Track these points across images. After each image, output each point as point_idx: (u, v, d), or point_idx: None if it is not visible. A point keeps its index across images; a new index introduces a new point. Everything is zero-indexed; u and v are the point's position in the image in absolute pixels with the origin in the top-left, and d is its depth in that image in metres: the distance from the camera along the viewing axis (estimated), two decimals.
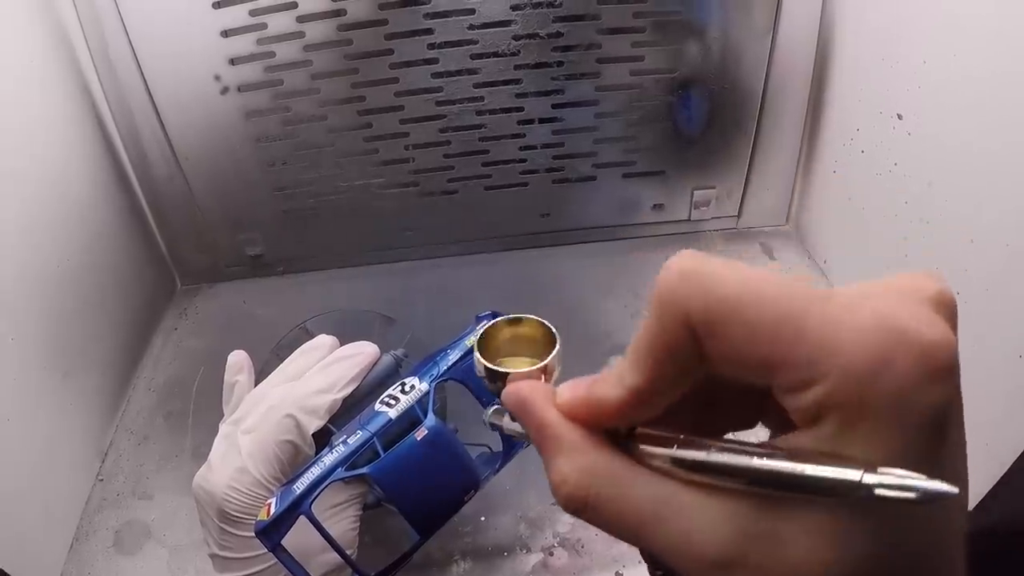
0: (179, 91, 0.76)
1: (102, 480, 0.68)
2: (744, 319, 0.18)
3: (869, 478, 0.16)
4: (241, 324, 0.84)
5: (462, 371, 0.50)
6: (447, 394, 0.58)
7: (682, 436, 0.20)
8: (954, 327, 0.18)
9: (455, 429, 0.53)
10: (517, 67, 0.77)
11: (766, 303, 0.17)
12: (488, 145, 0.82)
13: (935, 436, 0.17)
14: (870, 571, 0.17)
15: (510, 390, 0.24)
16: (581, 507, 0.21)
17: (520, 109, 0.80)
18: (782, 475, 0.17)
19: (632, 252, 0.91)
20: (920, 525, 0.17)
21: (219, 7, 0.71)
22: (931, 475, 0.15)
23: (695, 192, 0.89)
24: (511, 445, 0.51)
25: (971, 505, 0.59)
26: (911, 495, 0.15)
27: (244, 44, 0.73)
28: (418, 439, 0.46)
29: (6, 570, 0.54)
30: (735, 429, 0.24)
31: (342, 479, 0.45)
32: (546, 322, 0.30)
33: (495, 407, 0.30)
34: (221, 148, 0.79)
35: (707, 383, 0.20)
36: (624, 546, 0.58)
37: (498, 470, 0.51)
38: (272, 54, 0.74)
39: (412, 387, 0.49)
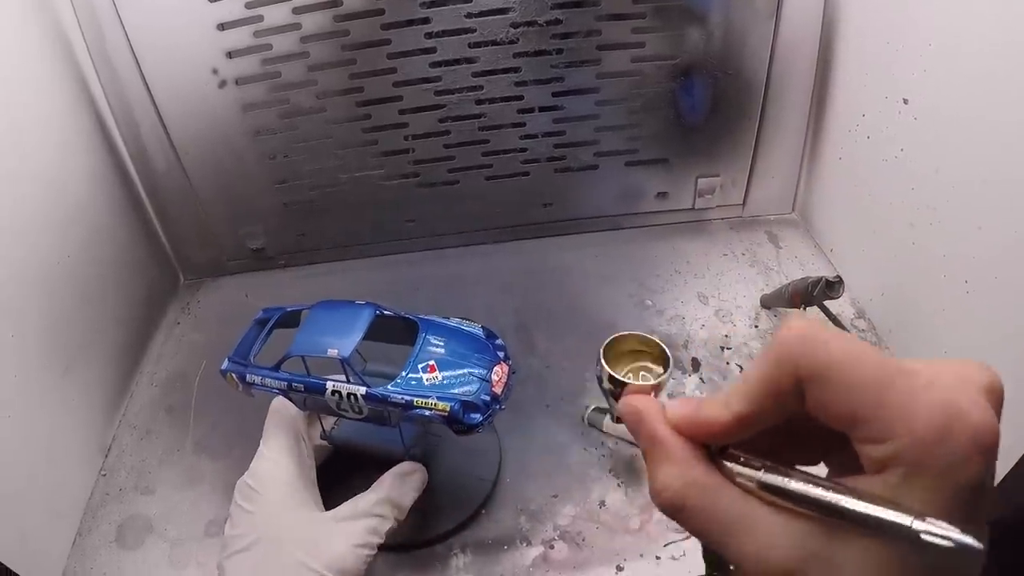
0: (177, 85, 0.76)
1: (105, 475, 0.68)
2: (844, 380, 0.22)
3: (919, 524, 0.19)
4: (243, 318, 0.83)
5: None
6: None
7: (767, 463, 0.24)
8: (999, 411, 0.22)
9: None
10: (516, 55, 0.76)
11: (862, 370, 0.22)
12: (488, 135, 0.81)
13: (973, 497, 0.21)
14: None
15: (628, 402, 0.28)
16: (677, 511, 0.25)
17: (520, 98, 0.79)
18: (849, 510, 0.21)
19: (636, 241, 0.90)
20: (949, 568, 0.21)
21: (215, 0, 0.71)
22: (964, 529, 0.19)
23: (699, 180, 0.87)
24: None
25: None
26: (949, 544, 0.19)
27: (241, 37, 0.73)
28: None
29: (9, 566, 0.54)
30: (802, 464, 0.26)
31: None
32: (664, 345, 0.34)
33: (594, 408, 0.34)
34: (220, 142, 0.79)
35: (790, 422, 0.24)
36: (625, 540, 0.58)
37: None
38: (269, 46, 0.74)
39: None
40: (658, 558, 0.58)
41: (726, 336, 0.76)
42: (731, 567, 0.26)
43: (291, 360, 0.54)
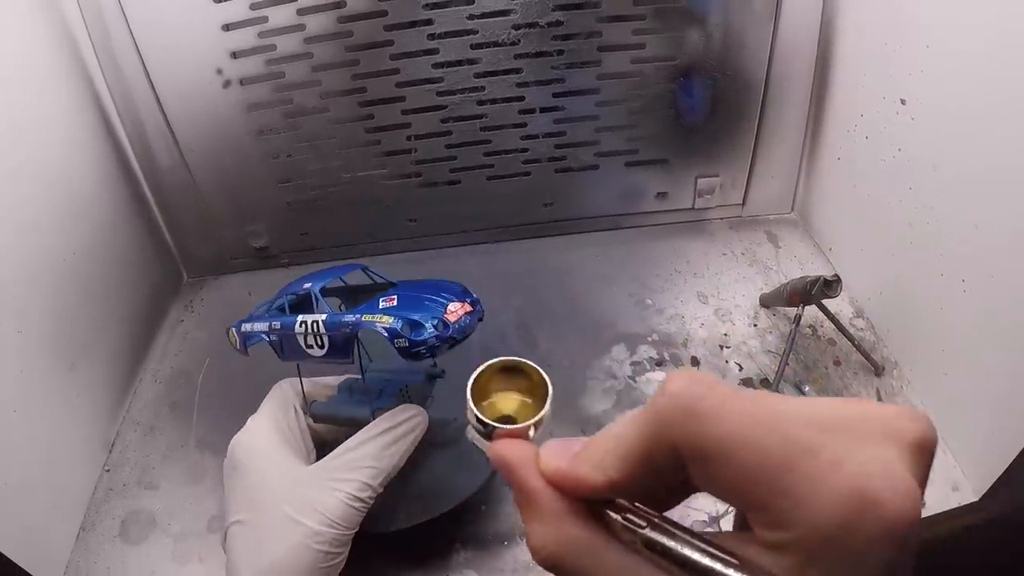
0: (182, 85, 0.76)
1: (108, 471, 0.69)
2: (733, 463, 0.19)
3: None
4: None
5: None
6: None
7: (655, 517, 0.21)
8: (928, 467, 0.19)
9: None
10: (517, 56, 0.76)
11: (757, 452, 0.19)
12: (490, 135, 0.82)
13: None
14: None
15: (497, 450, 0.26)
16: (556, 571, 0.23)
17: (521, 98, 0.80)
18: None
19: (636, 241, 0.90)
20: None
21: (220, 1, 0.71)
22: None
23: (699, 180, 0.88)
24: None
25: (979, 495, 0.59)
26: None
27: (245, 37, 0.74)
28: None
29: (14, 560, 0.54)
30: (700, 491, 0.25)
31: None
32: (541, 369, 0.30)
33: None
34: (224, 141, 0.80)
35: None
36: None
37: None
38: (273, 47, 0.74)
39: None
40: None
41: (725, 335, 0.76)
42: None
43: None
